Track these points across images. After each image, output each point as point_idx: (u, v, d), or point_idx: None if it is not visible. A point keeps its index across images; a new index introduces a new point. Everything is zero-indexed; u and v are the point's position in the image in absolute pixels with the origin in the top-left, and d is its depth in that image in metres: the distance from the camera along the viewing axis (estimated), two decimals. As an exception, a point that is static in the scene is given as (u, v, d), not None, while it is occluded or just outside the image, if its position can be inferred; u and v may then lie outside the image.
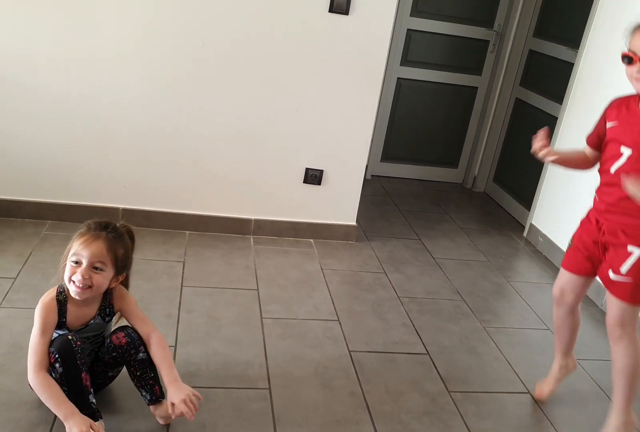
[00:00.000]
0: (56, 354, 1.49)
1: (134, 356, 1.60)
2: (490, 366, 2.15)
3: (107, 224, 1.61)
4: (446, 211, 3.62)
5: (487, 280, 2.82)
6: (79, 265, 1.53)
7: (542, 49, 3.58)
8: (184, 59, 2.61)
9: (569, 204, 3.04)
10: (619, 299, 1.67)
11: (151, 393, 1.61)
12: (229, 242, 2.82)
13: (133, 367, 1.61)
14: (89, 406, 1.51)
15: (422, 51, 3.84)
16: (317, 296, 2.46)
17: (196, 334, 2.06)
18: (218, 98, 2.70)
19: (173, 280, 2.41)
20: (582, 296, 1.86)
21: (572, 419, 1.92)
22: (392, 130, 4.00)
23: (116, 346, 1.60)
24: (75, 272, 1.53)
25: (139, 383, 1.61)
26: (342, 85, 2.73)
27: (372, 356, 2.10)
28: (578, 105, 3.05)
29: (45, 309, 1.55)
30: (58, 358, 1.49)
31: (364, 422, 1.77)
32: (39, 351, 1.51)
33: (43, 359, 1.50)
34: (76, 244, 1.55)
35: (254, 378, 1.89)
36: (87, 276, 1.53)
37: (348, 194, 2.95)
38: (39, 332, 1.53)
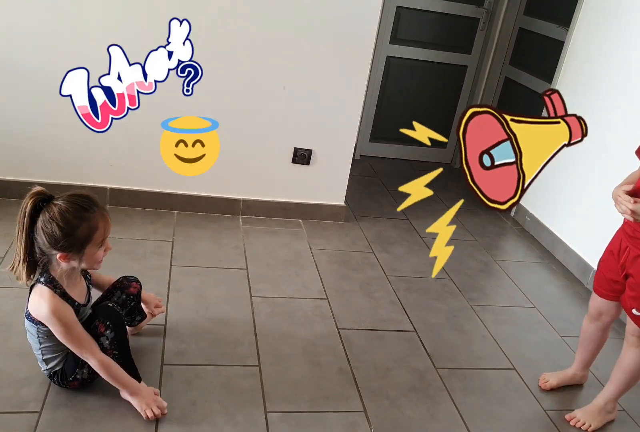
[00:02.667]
0: (107, 322, 1.58)
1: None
2: (477, 343, 2.18)
3: (88, 198, 1.54)
4: (434, 191, 3.62)
5: (474, 259, 2.85)
6: (103, 245, 1.56)
7: (532, 27, 3.56)
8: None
9: (557, 184, 3.06)
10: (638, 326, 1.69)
11: (141, 314, 1.86)
12: (217, 222, 2.81)
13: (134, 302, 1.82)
14: (136, 369, 1.64)
15: (412, 29, 3.80)
16: (305, 275, 2.47)
17: (185, 313, 2.07)
18: (205, 77, 2.65)
19: (162, 260, 2.41)
20: (618, 315, 1.84)
21: (555, 394, 1.97)
22: (381, 110, 3.98)
23: (135, 294, 1.81)
24: (102, 252, 1.56)
25: (136, 311, 1.84)
26: (330, 63, 2.70)
27: (361, 333, 2.13)
28: (567, 84, 3.05)
29: (59, 310, 1.51)
30: (109, 325, 1.58)
31: (352, 398, 1.80)
32: (85, 338, 1.55)
33: (94, 343, 1.56)
34: (100, 232, 1.52)
35: (243, 356, 1.91)
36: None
37: (337, 174, 2.95)
38: (71, 326, 1.53)
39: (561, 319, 2.41)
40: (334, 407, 1.75)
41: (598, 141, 2.77)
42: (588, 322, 1.90)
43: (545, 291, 2.64)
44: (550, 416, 1.86)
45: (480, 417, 1.80)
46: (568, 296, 2.63)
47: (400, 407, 1.80)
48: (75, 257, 1.51)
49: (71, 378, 1.62)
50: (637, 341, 1.72)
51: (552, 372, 2.03)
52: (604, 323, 1.86)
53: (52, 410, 1.57)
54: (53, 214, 1.46)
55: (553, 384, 1.98)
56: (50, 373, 1.63)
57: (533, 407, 1.89)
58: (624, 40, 2.65)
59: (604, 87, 2.77)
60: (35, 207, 1.47)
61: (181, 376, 1.77)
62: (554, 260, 2.94)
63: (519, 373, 2.03)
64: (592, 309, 1.87)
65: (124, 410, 1.60)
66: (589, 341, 1.92)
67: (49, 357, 1.61)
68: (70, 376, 1.61)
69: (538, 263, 2.91)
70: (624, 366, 1.77)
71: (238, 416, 1.66)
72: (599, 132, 2.78)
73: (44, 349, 1.60)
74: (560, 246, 2.96)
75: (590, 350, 1.94)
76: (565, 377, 1.99)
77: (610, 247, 1.76)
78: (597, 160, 2.76)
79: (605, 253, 1.78)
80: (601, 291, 1.80)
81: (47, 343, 1.59)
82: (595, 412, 1.82)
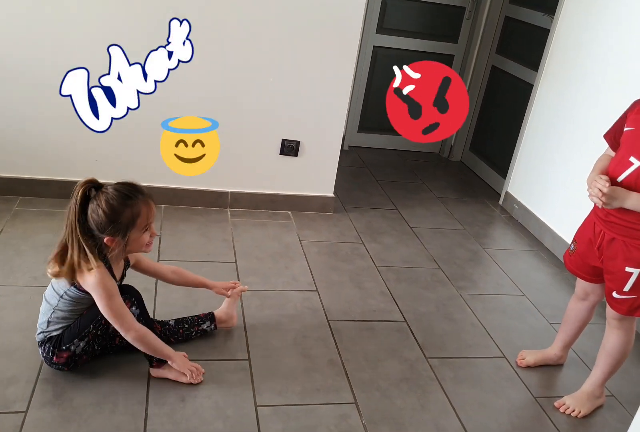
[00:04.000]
0: (132, 298, 1.68)
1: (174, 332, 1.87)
2: (467, 331, 2.19)
3: (133, 186, 1.65)
4: (423, 181, 3.63)
5: (463, 248, 2.85)
6: (148, 229, 1.64)
7: (518, 16, 3.54)
8: (152, 30, 2.51)
9: (544, 172, 3.07)
10: (619, 313, 1.71)
11: (208, 320, 1.92)
12: (205, 216, 2.79)
13: (182, 330, 1.88)
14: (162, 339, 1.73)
15: (398, 19, 3.78)
16: (295, 267, 2.46)
17: (174, 308, 2.05)
18: (190, 69, 2.62)
19: (149, 254, 2.37)
20: (604, 295, 1.83)
21: (546, 381, 1.98)
22: (369, 100, 3.96)
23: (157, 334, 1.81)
24: (147, 237, 1.65)
25: (196, 328, 1.90)
26: (317, 54, 2.68)
27: (351, 324, 2.12)
28: (554, 73, 3.04)
29: (105, 280, 1.58)
30: (135, 301, 1.68)
31: (343, 390, 1.79)
32: (124, 310, 1.62)
33: (132, 315, 1.64)
34: (142, 217, 1.61)
35: (233, 350, 1.90)
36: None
37: (325, 165, 2.93)
38: (115, 297, 1.60)
39: (550, 306, 2.42)
40: (325, 399, 1.75)
41: (583, 128, 2.77)
42: (575, 302, 1.92)
43: (533, 279, 2.65)
44: (540, 403, 1.87)
45: (470, 406, 1.81)
46: (557, 283, 2.64)
47: (391, 397, 1.80)
48: (120, 241, 1.59)
49: (64, 347, 1.62)
50: (619, 324, 1.74)
51: (530, 350, 2.05)
52: (591, 303, 1.88)
53: (38, 409, 1.56)
54: (100, 202, 1.56)
55: (530, 362, 2.00)
56: (44, 338, 1.64)
57: (523, 395, 1.89)
58: (608, 27, 2.65)
59: (590, 75, 2.76)
60: (85, 196, 1.57)
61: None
62: (543, 247, 2.95)
63: (509, 361, 2.04)
64: (579, 289, 1.89)
65: (111, 406, 1.59)
66: (574, 319, 1.93)
67: (54, 321, 1.63)
68: (66, 344, 1.62)
69: (527, 251, 2.92)
70: (607, 348, 1.79)
71: (228, 410, 1.65)
72: (585, 120, 2.78)
73: (56, 312, 1.62)
74: (548, 233, 2.97)
75: (572, 329, 1.96)
76: (543, 356, 2.02)
77: (583, 233, 1.77)
78: (582, 146, 2.76)
79: (579, 240, 1.79)
80: (584, 276, 1.82)
81: (64, 308, 1.62)
82: (584, 398, 1.84)
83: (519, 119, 3.31)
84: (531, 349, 2.06)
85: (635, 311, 1.68)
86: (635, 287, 1.64)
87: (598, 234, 1.69)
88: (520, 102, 3.36)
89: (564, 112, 2.94)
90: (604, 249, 1.68)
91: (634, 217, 1.57)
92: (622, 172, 1.56)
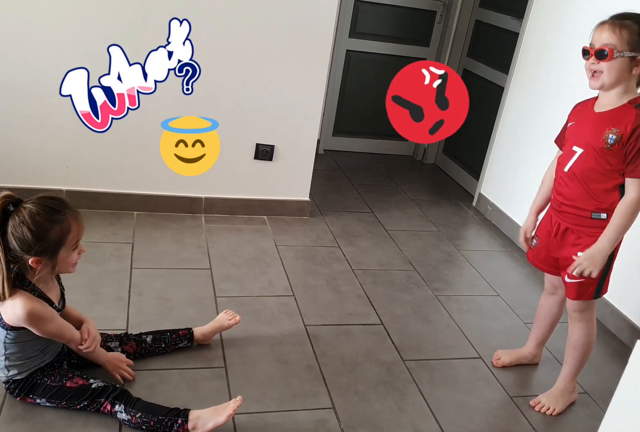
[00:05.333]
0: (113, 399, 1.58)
1: (147, 347, 1.81)
2: (443, 333, 2.20)
3: (59, 200, 1.50)
4: (397, 184, 3.65)
5: (437, 249, 2.87)
6: (77, 247, 1.52)
7: (488, 19, 3.60)
8: (123, 33, 2.49)
9: (515, 173, 3.11)
10: (569, 298, 1.77)
11: (186, 339, 1.86)
12: (179, 222, 2.76)
13: (157, 349, 1.82)
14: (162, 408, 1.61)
15: (371, 23, 3.80)
16: (271, 272, 2.45)
17: (148, 317, 2.02)
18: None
19: (122, 262, 2.35)
20: None
21: (522, 381, 2.00)
22: (343, 104, 3.97)
23: (130, 353, 1.79)
24: (75, 255, 1.52)
25: (172, 347, 1.84)
26: (290, 58, 2.68)
27: (328, 328, 2.12)
28: (523, 75, 3.09)
29: (36, 307, 1.47)
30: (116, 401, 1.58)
31: (320, 395, 1.79)
32: (63, 329, 1.56)
33: (70, 328, 1.57)
34: (73, 234, 1.48)
35: (209, 358, 1.88)
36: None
37: (300, 169, 2.93)
38: (53, 319, 1.52)
39: (524, 306, 2.45)
40: (303, 405, 1.74)
41: (551, 130, 2.81)
42: (545, 298, 1.96)
43: (508, 279, 2.68)
44: (516, 403, 1.89)
45: (448, 408, 1.82)
46: (531, 283, 2.68)
47: (369, 401, 1.80)
48: (48, 262, 1.46)
49: (31, 396, 1.56)
50: (579, 316, 1.78)
51: (505, 349, 2.07)
52: (561, 296, 1.91)
53: (7, 424, 1.52)
54: (23, 218, 1.40)
55: (505, 362, 2.03)
56: (8, 380, 1.57)
57: (499, 395, 1.91)
58: (575, 29, 2.70)
59: (557, 77, 2.81)
60: (3, 212, 1.41)
61: (144, 381, 1.73)
62: (516, 248, 2.99)
63: (485, 361, 2.06)
64: (547, 283, 1.93)
65: (84, 420, 1.56)
66: (545, 315, 1.97)
67: (12, 365, 1.55)
68: (32, 395, 1.56)
69: (501, 251, 2.96)
70: (572, 343, 1.83)
71: (205, 418, 1.63)
72: (554, 121, 2.82)
73: (9, 355, 1.54)
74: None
75: (545, 326, 1.99)
76: (518, 355, 2.05)
77: (543, 227, 1.82)
78: (551, 148, 2.80)
79: (540, 234, 1.83)
80: (548, 269, 1.85)
81: (12, 349, 1.54)
82: (558, 395, 1.87)
83: (491, 121, 3.36)
84: (506, 349, 2.09)
85: (583, 294, 1.73)
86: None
87: (554, 225, 1.75)
88: (492, 104, 3.40)
89: (533, 114, 2.99)
90: (559, 238, 1.74)
91: (585, 204, 1.63)
92: (567, 162, 1.66)
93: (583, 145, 1.62)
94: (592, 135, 1.60)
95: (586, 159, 1.61)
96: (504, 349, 2.11)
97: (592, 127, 1.61)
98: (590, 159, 1.60)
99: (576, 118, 1.69)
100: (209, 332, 1.90)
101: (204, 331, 1.89)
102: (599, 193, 1.61)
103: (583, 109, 1.68)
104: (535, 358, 2.06)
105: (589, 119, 1.62)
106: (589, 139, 1.60)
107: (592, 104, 1.64)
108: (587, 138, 1.61)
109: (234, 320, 1.94)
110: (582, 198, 1.64)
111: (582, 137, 1.63)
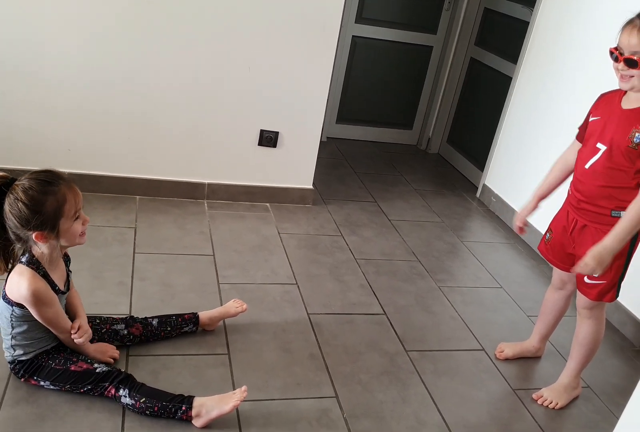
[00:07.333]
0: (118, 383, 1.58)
1: (154, 330, 1.81)
2: (446, 324, 2.20)
3: (51, 172, 1.49)
4: (401, 173, 3.62)
5: (441, 240, 2.86)
6: (78, 217, 1.50)
7: (497, 8, 3.54)
8: (131, 18, 2.44)
9: (521, 164, 3.09)
10: (588, 298, 1.73)
11: (192, 323, 1.86)
12: (181, 207, 2.74)
13: (163, 332, 1.82)
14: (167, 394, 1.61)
15: (378, 8, 3.74)
16: (274, 260, 2.43)
17: (150, 302, 2.01)
18: (167, 57, 2.56)
19: (124, 247, 2.33)
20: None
21: (524, 374, 2.00)
22: (348, 91, 3.93)
23: (137, 335, 1.78)
24: (79, 226, 1.50)
25: (178, 330, 1.84)
26: (296, 44, 2.63)
27: (331, 317, 2.11)
28: (533, 66, 3.05)
29: (39, 289, 1.47)
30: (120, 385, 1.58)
31: (323, 384, 1.78)
32: (59, 319, 1.55)
33: (65, 319, 1.56)
34: (70, 204, 1.46)
35: (212, 344, 1.87)
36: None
37: (304, 157, 2.90)
38: (52, 305, 1.51)
39: (527, 299, 2.45)
40: (306, 393, 1.73)
41: (560, 121, 2.79)
42: (552, 292, 1.94)
43: (511, 271, 2.67)
44: (518, 395, 1.89)
45: (450, 399, 1.82)
46: (534, 276, 2.67)
47: (371, 391, 1.79)
48: (51, 234, 1.46)
49: (35, 378, 1.55)
50: (589, 313, 1.77)
51: (509, 342, 2.06)
52: (568, 292, 1.90)
53: (11, 407, 1.51)
54: (17, 194, 1.41)
55: (508, 355, 2.02)
56: (14, 360, 1.57)
57: (502, 387, 1.91)
58: (588, 20, 2.66)
59: (568, 68, 2.78)
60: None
61: (148, 367, 1.72)
62: (520, 240, 2.98)
63: (488, 353, 2.06)
64: (555, 278, 1.91)
65: (87, 404, 1.55)
66: (551, 309, 1.96)
67: (18, 344, 1.54)
68: (36, 377, 1.55)
69: (504, 243, 2.95)
70: (579, 339, 1.82)
71: (208, 406, 1.62)
72: (561, 113, 2.80)
73: (16, 335, 1.54)
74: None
75: (549, 320, 1.98)
76: (521, 348, 2.04)
77: (558, 221, 1.79)
78: (559, 140, 2.77)
79: (554, 228, 1.81)
80: (560, 265, 1.83)
81: (19, 329, 1.53)
82: (561, 390, 1.86)
83: (497, 111, 3.32)
84: (509, 342, 2.08)
85: (604, 296, 1.71)
86: (605, 272, 1.66)
87: (571, 222, 1.72)
88: (499, 95, 3.37)
89: (542, 105, 2.95)
90: (576, 235, 1.71)
91: (605, 202, 1.60)
92: (590, 159, 1.61)
93: (607, 143, 1.56)
94: (617, 132, 1.54)
95: (609, 157, 1.56)
96: (506, 341, 2.10)
97: (618, 124, 1.55)
98: (614, 157, 1.55)
99: (600, 113, 1.62)
100: (215, 317, 1.90)
101: (210, 315, 1.90)
102: (620, 191, 1.56)
103: (609, 103, 1.60)
104: (539, 352, 2.06)
105: (615, 116, 1.56)
106: (613, 137, 1.55)
107: (619, 99, 1.58)
108: (611, 135, 1.56)
109: (241, 308, 1.94)
110: (603, 196, 1.59)
111: (606, 134, 1.57)
